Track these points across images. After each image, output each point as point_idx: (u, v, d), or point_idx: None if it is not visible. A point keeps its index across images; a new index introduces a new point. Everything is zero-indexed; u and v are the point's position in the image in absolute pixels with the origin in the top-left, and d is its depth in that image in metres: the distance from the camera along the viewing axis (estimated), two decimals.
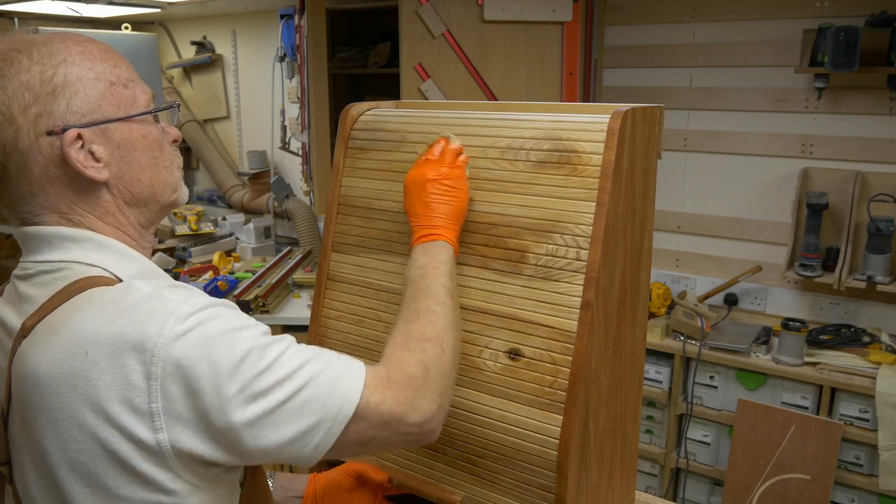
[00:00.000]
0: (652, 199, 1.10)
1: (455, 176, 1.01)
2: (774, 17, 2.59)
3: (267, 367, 0.74)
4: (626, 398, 1.11)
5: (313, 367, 0.77)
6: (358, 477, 1.12)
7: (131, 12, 3.48)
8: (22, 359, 0.74)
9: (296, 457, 0.76)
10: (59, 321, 0.74)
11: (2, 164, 0.78)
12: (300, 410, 0.75)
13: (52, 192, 0.80)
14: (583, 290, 0.95)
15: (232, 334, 0.73)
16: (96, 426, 0.70)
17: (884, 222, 2.37)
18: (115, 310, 0.72)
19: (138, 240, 0.87)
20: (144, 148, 0.84)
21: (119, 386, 0.70)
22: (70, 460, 0.72)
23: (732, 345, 2.56)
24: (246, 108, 3.98)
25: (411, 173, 1.03)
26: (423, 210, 0.99)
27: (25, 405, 0.74)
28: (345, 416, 0.77)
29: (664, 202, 2.86)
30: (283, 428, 0.74)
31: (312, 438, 0.76)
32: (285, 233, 3.83)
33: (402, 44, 2.70)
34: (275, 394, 0.73)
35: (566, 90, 2.74)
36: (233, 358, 0.72)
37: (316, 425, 0.76)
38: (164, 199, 0.88)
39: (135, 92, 0.84)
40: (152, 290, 0.74)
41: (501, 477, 1.02)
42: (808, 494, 2.37)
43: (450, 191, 1.00)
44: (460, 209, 1.01)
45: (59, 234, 0.80)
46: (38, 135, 0.77)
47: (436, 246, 0.97)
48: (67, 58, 0.78)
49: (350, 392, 0.78)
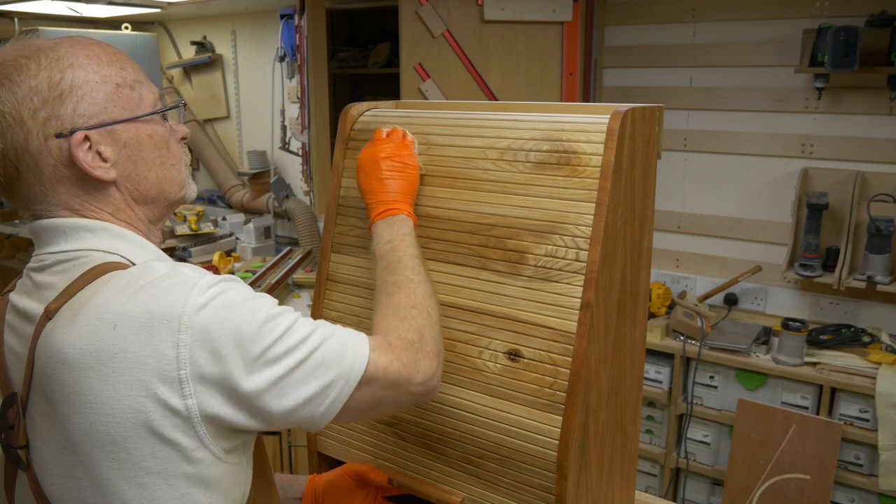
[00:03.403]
0: (652, 199, 1.10)
1: (405, 154, 1.07)
2: (774, 17, 2.59)
3: (285, 332, 0.79)
4: (626, 398, 1.11)
5: (323, 331, 0.83)
6: (357, 478, 1.12)
7: (131, 12, 3.48)
8: (46, 340, 0.77)
9: (311, 416, 0.81)
10: (83, 301, 0.77)
11: (14, 165, 0.82)
12: (316, 369, 0.80)
13: (64, 192, 0.84)
14: (583, 290, 0.95)
15: (250, 302, 0.78)
16: (127, 397, 0.73)
17: (884, 222, 2.37)
18: (137, 286, 0.76)
19: (147, 235, 0.90)
20: (151, 147, 0.87)
21: (149, 357, 0.73)
22: (100, 433, 0.74)
23: (732, 345, 2.56)
24: (246, 108, 3.98)
25: (363, 153, 1.08)
26: (379, 187, 1.04)
27: (51, 385, 0.76)
28: (357, 374, 0.82)
29: (664, 202, 2.86)
30: (301, 387, 0.79)
31: (327, 396, 0.81)
32: (285, 233, 3.83)
33: (402, 44, 2.70)
34: (294, 355, 0.79)
35: (566, 90, 2.74)
36: (254, 324, 0.77)
37: (331, 383, 0.81)
38: (171, 195, 0.91)
39: (141, 93, 0.87)
40: (169, 269, 0.78)
41: (501, 478, 1.02)
42: (808, 494, 2.37)
43: (403, 168, 1.05)
44: (413, 185, 1.07)
45: (76, 225, 0.84)
46: (48, 137, 0.81)
47: (397, 220, 1.02)
48: (74, 62, 0.81)
49: (359, 354, 0.83)
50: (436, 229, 1.09)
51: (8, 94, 0.79)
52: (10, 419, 0.81)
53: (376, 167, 1.05)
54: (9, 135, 0.80)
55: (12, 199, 0.86)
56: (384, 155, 1.06)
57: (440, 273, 1.08)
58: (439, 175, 1.09)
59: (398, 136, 1.09)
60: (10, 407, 0.81)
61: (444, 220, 1.08)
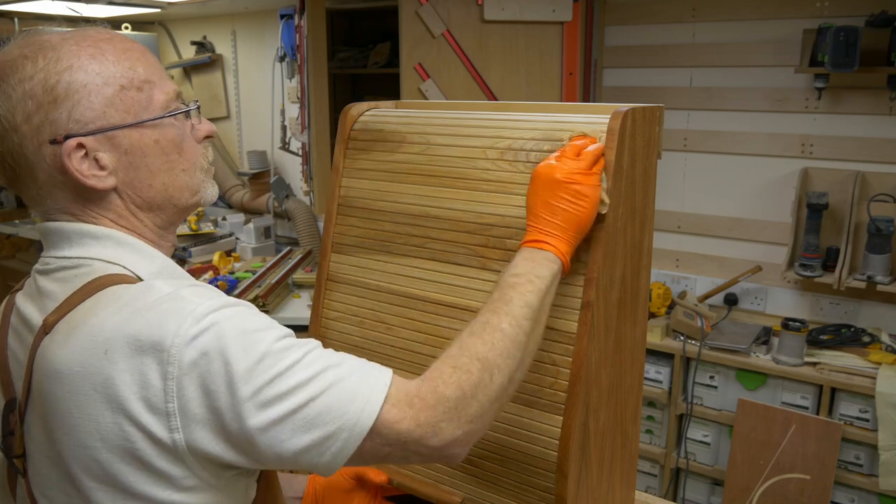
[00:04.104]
0: (652, 199, 1.10)
1: (588, 183, 0.90)
2: (774, 17, 2.59)
3: (283, 372, 0.72)
4: (627, 398, 1.11)
5: (334, 373, 0.74)
6: (357, 478, 1.12)
7: (131, 12, 3.48)
8: (43, 355, 0.75)
9: (313, 465, 0.74)
10: (79, 318, 0.74)
11: (12, 168, 0.80)
12: (316, 419, 0.72)
13: (62, 197, 0.81)
14: (583, 290, 0.95)
15: (249, 335, 0.72)
16: (114, 423, 0.71)
17: (884, 222, 2.37)
18: (133, 309, 0.72)
19: (156, 241, 0.86)
20: (157, 153, 0.82)
21: (137, 385, 0.70)
22: (86, 456, 0.73)
23: (732, 345, 2.56)
24: (246, 108, 3.98)
25: (542, 165, 0.93)
26: (544, 211, 0.90)
27: (44, 400, 0.75)
28: (363, 429, 0.73)
29: (664, 202, 2.86)
30: (298, 435, 0.72)
31: (329, 448, 0.73)
32: (285, 233, 3.83)
33: (402, 44, 2.70)
34: (290, 400, 0.71)
35: (566, 90, 2.74)
36: (248, 360, 0.71)
37: (332, 435, 0.73)
38: (181, 202, 0.86)
39: (151, 94, 0.81)
40: (171, 291, 0.74)
41: (501, 478, 1.02)
42: (808, 494, 2.37)
43: (578, 198, 0.90)
44: (583, 220, 0.90)
45: (80, 231, 0.81)
46: (41, 143, 0.77)
47: (542, 256, 0.88)
48: (74, 63, 0.77)
49: (369, 404, 0.74)
50: (436, 229, 1.09)
51: (3, 97, 0.76)
52: (10, 424, 0.80)
53: (548, 188, 0.90)
54: (5, 139, 0.77)
55: (20, 195, 0.84)
56: (562, 177, 0.90)
57: (440, 273, 1.08)
58: (439, 175, 1.09)
59: (588, 160, 0.92)
60: (11, 411, 0.81)
61: (444, 220, 1.08)
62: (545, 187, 0.90)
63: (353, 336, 1.16)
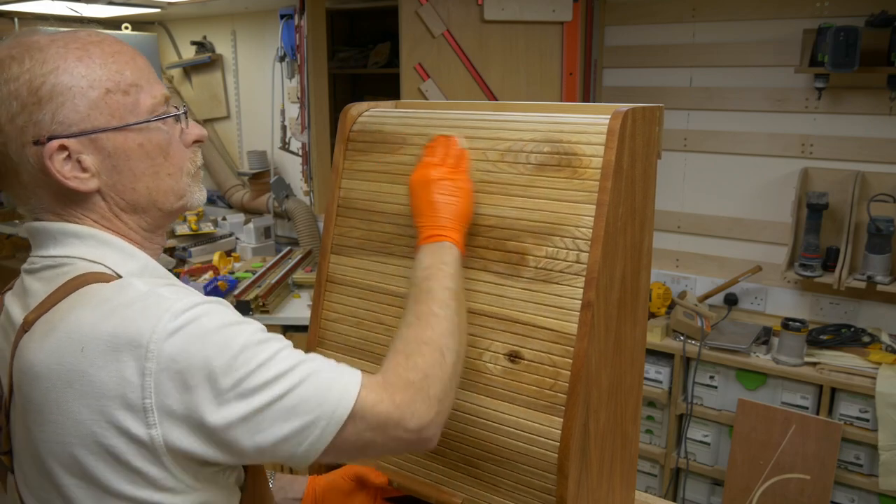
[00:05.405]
0: (652, 199, 1.10)
1: (459, 177, 1.01)
2: (774, 17, 2.59)
3: (262, 364, 0.74)
4: (627, 398, 1.11)
5: (309, 366, 0.77)
6: (357, 479, 1.12)
7: (131, 12, 3.48)
8: (22, 353, 0.76)
9: (290, 455, 0.76)
10: (57, 318, 0.75)
11: None
12: (295, 408, 0.74)
13: (46, 197, 0.81)
14: (583, 290, 0.95)
15: (226, 329, 0.74)
16: (91, 422, 0.71)
17: (884, 222, 2.37)
18: (110, 307, 0.73)
19: (142, 243, 0.86)
20: (141, 156, 0.82)
21: (114, 382, 0.70)
22: (64, 453, 0.73)
23: (732, 345, 2.56)
24: (246, 108, 3.98)
25: (416, 174, 1.02)
26: (429, 210, 0.98)
27: (24, 398, 0.75)
28: (341, 416, 0.76)
29: (664, 202, 2.86)
30: (277, 425, 0.74)
31: (307, 437, 0.75)
32: (285, 233, 3.83)
33: (402, 44, 2.70)
34: (269, 390, 0.73)
35: (566, 90, 2.74)
36: (227, 353, 0.72)
37: (311, 424, 0.75)
38: (166, 206, 0.86)
39: (137, 98, 0.81)
40: (148, 289, 0.75)
41: (502, 479, 1.02)
42: (808, 494, 2.37)
43: (455, 192, 0.99)
44: (466, 210, 1.00)
45: (64, 230, 0.81)
46: (25, 144, 0.77)
47: (441, 247, 0.96)
48: (60, 65, 0.77)
49: (346, 392, 0.77)
50: None
51: None
52: None
53: (427, 189, 0.99)
54: None
55: (8, 194, 0.85)
56: (437, 176, 1.00)
57: None
58: None
59: (454, 158, 1.03)
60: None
61: None
62: (424, 189, 0.99)
63: (352, 337, 1.16)
